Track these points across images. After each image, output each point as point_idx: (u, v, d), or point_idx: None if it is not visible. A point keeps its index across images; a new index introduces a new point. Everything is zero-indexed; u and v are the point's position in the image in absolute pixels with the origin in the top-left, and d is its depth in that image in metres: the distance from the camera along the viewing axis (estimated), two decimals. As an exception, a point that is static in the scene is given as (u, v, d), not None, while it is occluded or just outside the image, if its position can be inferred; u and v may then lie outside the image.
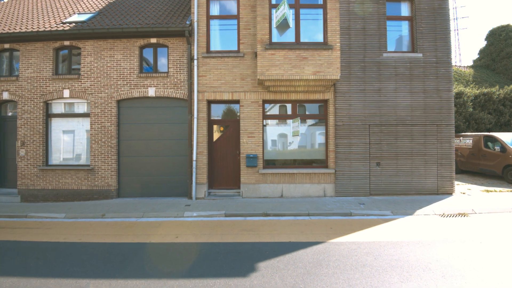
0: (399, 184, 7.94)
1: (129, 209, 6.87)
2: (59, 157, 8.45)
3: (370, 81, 7.93)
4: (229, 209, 6.60)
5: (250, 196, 7.78)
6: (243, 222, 5.84)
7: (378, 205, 6.89)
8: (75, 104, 8.44)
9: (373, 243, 4.48)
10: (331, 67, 7.21)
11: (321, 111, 8.21)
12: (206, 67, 7.89)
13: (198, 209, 6.73)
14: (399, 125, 7.97)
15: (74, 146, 8.42)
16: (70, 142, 8.44)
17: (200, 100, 7.87)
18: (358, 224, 5.60)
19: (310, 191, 7.78)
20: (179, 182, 8.06)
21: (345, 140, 7.84)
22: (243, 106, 7.84)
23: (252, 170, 7.78)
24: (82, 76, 8.21)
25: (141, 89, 8.05)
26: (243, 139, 7.82)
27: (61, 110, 8.48)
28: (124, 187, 8.15)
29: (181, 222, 5.95)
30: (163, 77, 8.03)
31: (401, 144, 7.97)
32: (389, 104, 7.95)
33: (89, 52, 8.24)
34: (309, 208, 6.59)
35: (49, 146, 8.43)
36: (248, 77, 7.84)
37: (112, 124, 8.08)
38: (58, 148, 8.45)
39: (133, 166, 8.14)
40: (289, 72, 7.16)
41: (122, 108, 8.21)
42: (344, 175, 7.80)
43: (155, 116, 8.15)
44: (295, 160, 8.16)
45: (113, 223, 6.03)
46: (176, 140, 8.11)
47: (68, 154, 8.44)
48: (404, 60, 8.06)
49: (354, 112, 7.87)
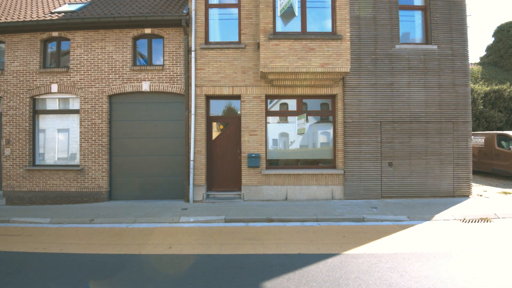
0: (413, 186, 7.36)
1: (120, 214, 6.30)
2: (47, 157, 7.87)
3: (382, 74, 7.35)
4: (230, 214, 6.02)
5: (252, 198, 7.20)
6: (245, 228, 5.26)
7: (392, 209, 6.32)
8: (63, 99, 7.85)
9: (394, 255, 3.90)
10: (340, 59, 6.63)
11: (328, 107, 7.63)
12: (204, 59, 7.30)
13: (195, 213, 6.16)
14: (413, 122, 7.39)
15: (62, 145, 7.83)
16: (59, 141, 7.85)
17: (198, 95, 7.29)
18: (373, 231, 5.03)
19: (317, 193, 7.20)
20: (176, 184, 7.48)
21: (354, 139, 7.26)
22: (245, 102, 7.26)
23: (254, 170, 7.21)
24: (71, 69, 7.63)
25: (134, 83, 7.46)
26: (245, 138, 7.24)
27: (48, 106, 7.89)
28: (116, 189, 7.57)
29: (176, 228, 5.37)
30: (158, 70, 7.44)
31: (415, 143, 7.39)
32: (402, 100, 7.37)
33: (79, 43, 7.66)
34: (317, 213, 6.02)
35: (36, 145, 7.85)
36: (250, 70, 7.25)
37: (103, 121, 7.50)
38: (45, 147, 7.87)
39: (125, 167, 7.56)
40: (294, 64, 6.58)
41: (114, 104, 7.62)
42: (354, 176, 7.22)
43: (149, 113, 7.57)
44: (300, 160, 7.58)
45: (101, 229, 5.45)
46: (172, 139, 7.53)
47: (56, 154, 7.86)
48: (418, 52, 7.48)
49: (365, 108, 7.29)
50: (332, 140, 7.54)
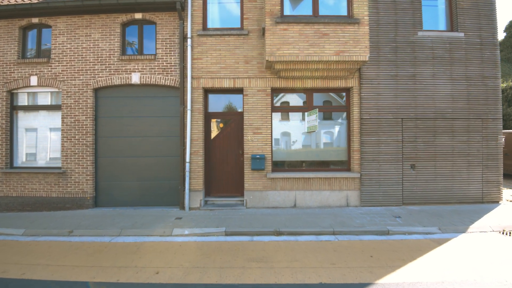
0: (438, 191, 6.51)
1: (105, 224, 5.44)
2: (26, 158, 7.00)
3: (403, 64, 6.50)
4: (231, 225, 5.17)
5: (256, 205, 6.34)
6: (249, 244, 4.40)
7: (418, 219, 5.47)
8: (44, 93, 6.98)
9: (442, 284, 3.05)
10: (357, 46, 5.77)
11: (342, 102, 6.77)
12: (202, 47, 6.45)
13: (191, 224, 5.30)
14: (438, 119, 6.54)
15: (43, 145, 6.96)
16: (39, 140, 6.98)
17: (195, 88, 6.43)
18: (404, 248, 4.17)
19: (330, 199, 6.35)
20: (170, 189, 6.62)
21: (372, 137, 6.40)
22: (248, 96, 6.40)
23: (258, 174, 6.35)
24: (53, 59, 6.77)
25: (123, 74, 6.60)
26: (248, 136, 6.39)
27: (28, 101, 7.03)
28: (102, 194, 6.71)
29: (167, 244, 4.51)
30: (150, 60, 6.58)
31: (440, 143, 6.54)
32: (426, 94, 6.52)
33: (61, 31, 6.80)
34: (333, 224, 5.16)
35: (14, 145, 6.99)
36: (253, 60, 6.40)
37: (87, 118, 6.64)
38: (24, 147, 7.01)
39: (113, 169, 6.70)
40: (305, 52, 5.73)
41: (100, 99, 6.76)
42: (372, 180, 6.36)
43: (140, 108, 6.71)
44: (310, 162, 6.72)
45: (80, 244, 4.60)
46: (166, 138, 6.67)
47: (36, 155, 6.99)
48: (443, 40, 6.63)
49: (384, 102, 6.44)
50: (346, 139, 6.68)
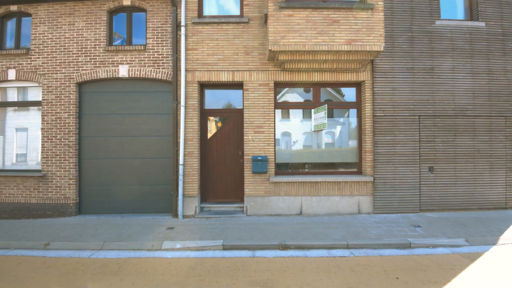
0: (457, 196, 5.89)
1: (86, 235, 4.79)
2: (2, 160, 6.33)
3: (420, 56, 5.88)
4: (229, 237, 4.52)
5: (257, 213, 5.70)
6: (251, 262, 3.76)
7: (441, 228, 4.85)
8: (22, 88, 6.32)
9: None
10: (371, 34, 5.15)
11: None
12: (197, 37, 5.81)
13: (184, 235, 4.65)
14: (458, 116, 5.93)
15: (22, 146, 6.30)
16: (17, 140, 6.32)
17: (189, 82, 5.79)
18: (433, 266, 3.55)
19: (340, 206, 5.72)
20: (161, 194, 5.98)
21: (387, 137, 5.78)
22: (248, 91, 5.77)
23: (260, 177, 5.72)
24: (33, 51, 6.11)
25: (109, 67, 5.95)
26: (248, 136, 5.75)
27: (5, 97, 6.37)
28: (86, 200, 6.06)
29: (155, 261, 3.86)
30: (140, 51, 5.94)
31: (460, 142, 5.92)
32: (445, 88, 5.91)
33: (42, 19, 6.14)
34: (347, 235, 4.53)
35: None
36: (254, 50, 5.77)
37: (70, 115, 5.98)
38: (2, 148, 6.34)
39: (99, 172, 6.04)
40: (313, 41, 5.10)
41: (84, 94, 6.11)
42: (386, 184, 5.74)
43: (128, 105, 6.06)
44: (317, 164, 6.09)
45: (54, 261, 3.95)
46: (157, 137, 6.03)
47: (14, 156, 6.33)
48: (463, 30, 6.02)
49: (399, 98, 5.82)
50: (357, 139, 6.05)
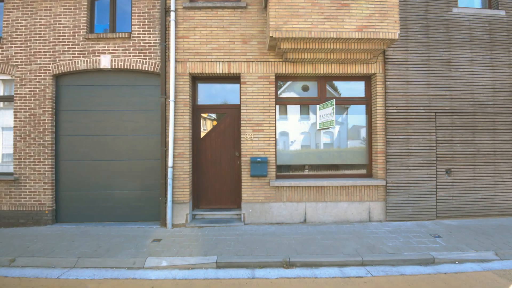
0: (477, 201, 5.34)
1: (60, 249, 4.13)
2: (-31, 162, 5.65)
3: (436, 47, 5.32)
4: (225, 251, 3.90)
5: (256, 221, 5.09)
6: (250, 285, 3.15)
7: (463, 239, 4.28)
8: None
9: None
10: (385, 20, 4.58)
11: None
12: (189, 23, 5.18)
13: (172, 250, 4.02)
14: (477, 113, 5.38)
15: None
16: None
17: (180, 74, 5.16)
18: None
19: (348, 213, 5.13)
20: (148, 200, 5.33)
21: (400, 136, 5.20)
22: (246, 84, 5.16)
23: (259, 181, 5.10)
24: (5, 39, 5.43)
25: (89, 57, 5.29)
26: (246, 135, 5.14)
27: (-27, 91, 5.68)
28: (64, 207, 5.39)
29: (134, 284, 3.22)
30: (124, 40, 5.29)
31: (479, 142, 5.38)
32: (463, 82, 5.35)
33: (15, 4, 5.46)
34: (360, 249, 3.93)
35: (-44, 145, 5.63)
36: (253, 39, 5.16)
37: (46, 112, 5.31)
38: (-32, 147, 5.66)
39: (78, 175, 5.38)
40: (320, 27, 4.50)
41: (62, 88, 5.44)
42: (400, 188, 5.16)
43: (111, 99, 5.40)
44: (322, 166, 5.49)
45: (16, 283, 3.30)
46: (143, 136, 5.38)
47: (-17, 157, 5.64)
48: (482, 19, 5.48)
49: (414, 93, 5.25)
50: (367, 138, 5.47)
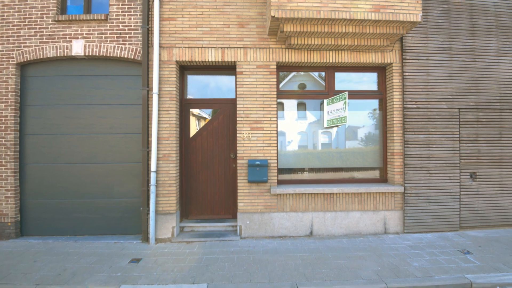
0: (504, 209, 4.71)
1: (17, 272, 3.37)
2: None
3: (459, 34, 4.68)
4: (217, 276, 3.18)
5: (255, 234, 4.37)
6: (248, 326, 2.44)
7: (498, 255, 3.64)
8: None
9: None
10: (405, 0, 3.92)
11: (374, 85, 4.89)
12: (176, 3, 4.45)
13: (151, 275, 3.28)
14: (504, 110, 4.75)
15: None
16: None
17: (165, 62, 4.42)
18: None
19: (361, 224, 4.45)
20: (128, 210, 4.58)
21: (420, 135, 4.54)
22: (243, 74, 4.44)
23: (258, 188, 4.39)
24: (-40, 22, 4.64)
25: (59, 42, 4.52)
26: (243, 133, 4.43)
27: None
28: (30, 218, 4.60)
29: (99, 325, 2.50)
30: (99, 22, 4.53)
31: (507, 142, 4.75)
32: (489, 75, 4.72)
33: (-27, -19, 4.67)
34: (380, 271, 3.25)
35: None
36: (251, 22, 4.45)
37: (8, 106, 4.52)
38: None
39: (46, 181, 4.60)
40: (330, 6, 3.82)
41: (28, 79, 4.66)
42: (419, 195, 4.50)
43: (86, 92, 4.64)
44: (330, 170, 4.81)
45: None
46: (122, 135, 4.63)
47: None
48: (508, 4, 4.87)
49: (435, 86, 4.59)
50: (380, 137, 4.81)
